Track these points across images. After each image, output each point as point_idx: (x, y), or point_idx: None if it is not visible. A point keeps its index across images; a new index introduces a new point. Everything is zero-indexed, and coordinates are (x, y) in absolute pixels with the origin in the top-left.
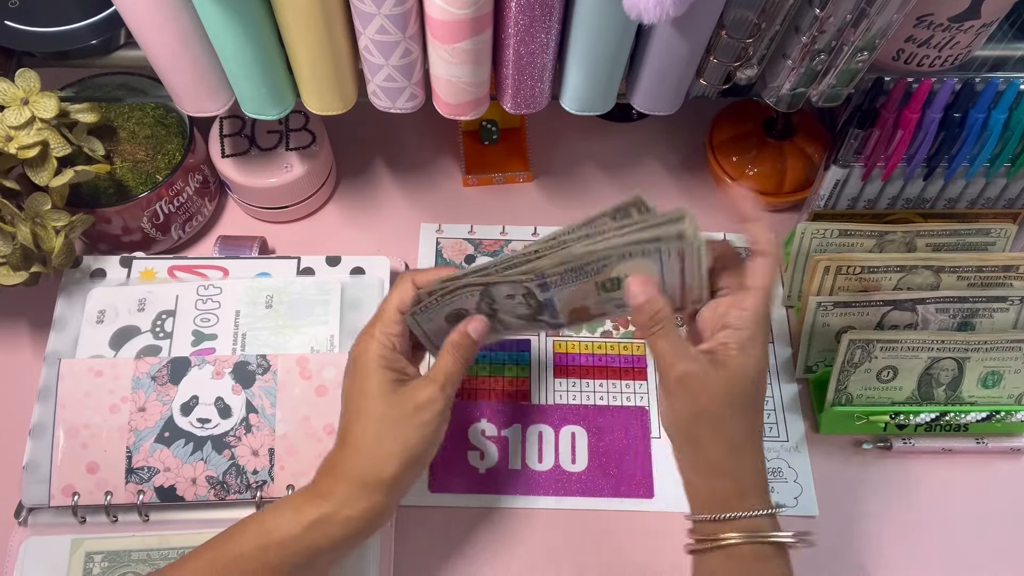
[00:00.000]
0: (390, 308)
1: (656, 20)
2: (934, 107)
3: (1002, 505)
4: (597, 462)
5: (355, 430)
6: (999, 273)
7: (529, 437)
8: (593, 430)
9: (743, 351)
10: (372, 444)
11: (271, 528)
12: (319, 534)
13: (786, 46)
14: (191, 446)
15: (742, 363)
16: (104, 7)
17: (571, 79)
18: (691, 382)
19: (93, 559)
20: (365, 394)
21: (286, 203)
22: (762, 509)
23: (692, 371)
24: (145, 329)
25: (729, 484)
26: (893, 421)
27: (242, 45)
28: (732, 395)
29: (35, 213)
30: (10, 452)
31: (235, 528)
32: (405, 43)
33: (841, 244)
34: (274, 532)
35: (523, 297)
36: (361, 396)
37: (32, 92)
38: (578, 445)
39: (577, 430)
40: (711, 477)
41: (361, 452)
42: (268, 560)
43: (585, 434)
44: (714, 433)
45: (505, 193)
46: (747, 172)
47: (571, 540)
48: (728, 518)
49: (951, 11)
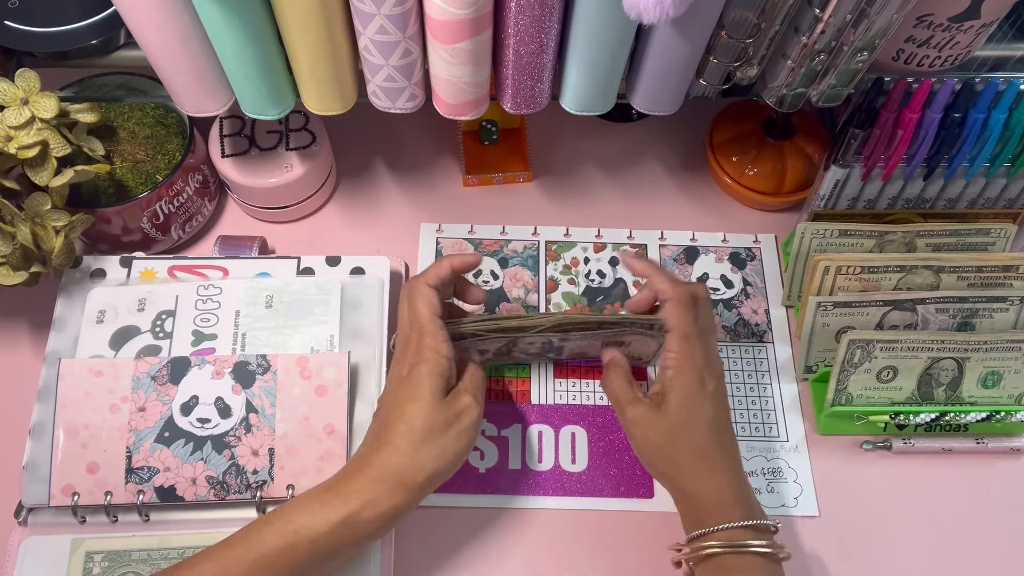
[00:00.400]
0: (431, 314)
1: (656, 20)
2: (934, 107)
3: (1002, 505)
4: (597, 462)
5: (398, 430)
6: (999, 273)
7: (529, 437)
8: (593, 430)
9: (675, 388)
10: (414, 447)
11: (300, 527)
12: (347, 531)
13: (786, 46)
14: (191, 446)
15: (676, 397)
16: (104, 7)
17: (571, 79)
18: (639, 421)
19: (93, 559)
20: (415, 399)
21: (286, 203)
22: (742, 520)
23: (638, 412)
24: (145, 329)
25: (701, 502)
26: (893, 421)
27: (242, 45)
28: (677, 427)
29: (35, 213)
30: (10, 452)
31: (252, 528)
32: (405, 43)
33: (841, 244)
34: (303, 530)
35: (541, 344)
36: (409, 400)
37: (32, 92)
38: (578, 445)
39: (577, 430)
40: (685, 500)
41: (402, 453)
42: (297, 558)
43: (585, 434)
44: (673, 462)
45: (505, 193)
46: (747, 172)
47: (571, 540)
48: (702, 533)
49: (951, 11)
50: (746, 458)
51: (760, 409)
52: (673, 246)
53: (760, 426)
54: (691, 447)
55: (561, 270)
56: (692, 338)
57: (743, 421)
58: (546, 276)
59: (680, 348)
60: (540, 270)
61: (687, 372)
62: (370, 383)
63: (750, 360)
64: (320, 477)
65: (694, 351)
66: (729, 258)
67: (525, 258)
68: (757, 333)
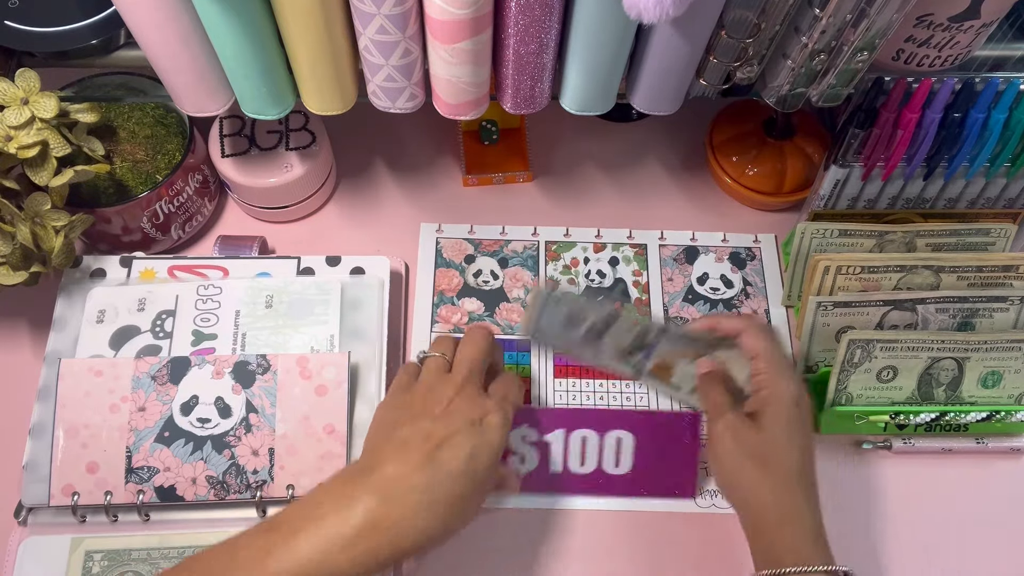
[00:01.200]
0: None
1: (656, 20)
2: (934, 107)
3: (1002, 505)
4: (642, 466)
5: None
6: (999, 273)
7: (572, 442)
8: (641, 436)
9: (772, 403)
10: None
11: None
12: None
13: (786, 46)
14: (191, 446)
15: (773, 412)
16: (104, 7)
17: (571, 79)
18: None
19: (92, 558)
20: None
21: (286, 203)
22: (820, 565)
23: (732, 421)
24: (145, 329)
25: (777, 535)
26: (893, 421)
27: (242, 45)
28: (771, 444)
29: (35, 213)
30: (10, 452)
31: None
32: (405, 43)
33: (841, 244)
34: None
35: (637, 334)
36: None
37: (32, 92)
38: (623, 449)
39: (624, 435)
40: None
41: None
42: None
43: (632, 439)
44: (758, 482)
45: (505, 193)
46: (747, 172)
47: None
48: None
49: (951, 11)
50: None
51: None
52: (673, 246)
53: None
54: (780, 469)
55: (561, 270)
56: (780, 361)
57: None
58: (546, 276)
59: (770, 369)
60: (540, 270)
61: (783, 393)
62: (370, 383)
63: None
64: (320, 477)
65: (784, 373)
66: (729, 258)
67: (525, 258)
68: None
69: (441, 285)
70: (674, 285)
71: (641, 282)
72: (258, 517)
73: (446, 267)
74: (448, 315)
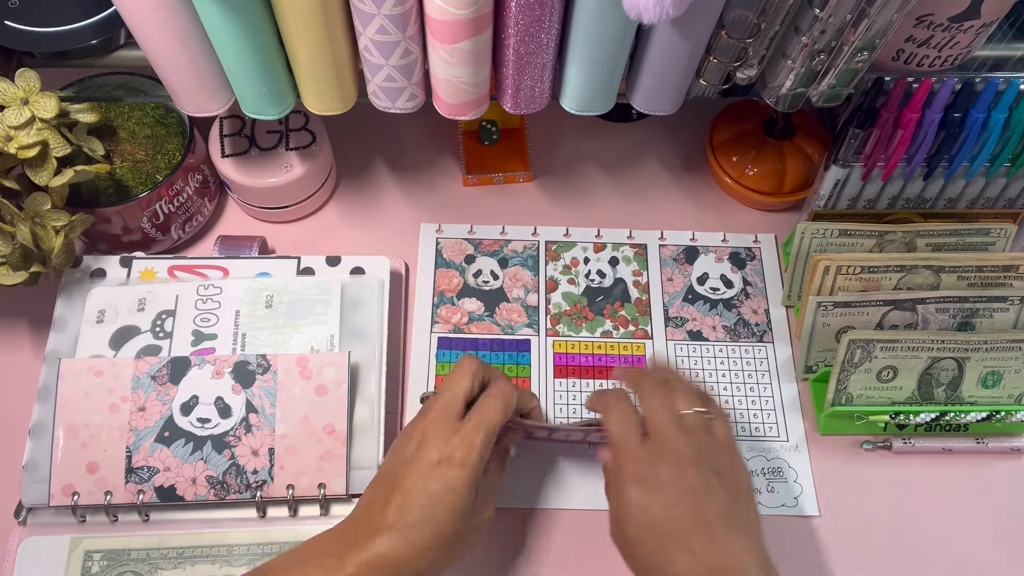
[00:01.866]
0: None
1: (656, 20)
2: (934, 107)
3: (1002, 505)
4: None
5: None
6: (999, 273)
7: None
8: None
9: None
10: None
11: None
12: None
13: (786, 46)
14: (191, 446)
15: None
16: (104, 7)
17: (571, 79)
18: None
19: (92, 558)
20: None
21: (286, 203)
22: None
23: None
24: (145, 329)
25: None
26: (893, 421)
27: (242, 45)
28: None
29: (35, 213)
30: (10, 452)
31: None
32: (405, 43)
33: (841, 244)
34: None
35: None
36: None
37: (32, 92)
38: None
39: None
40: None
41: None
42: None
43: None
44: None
45: (505, 193)
46: (747, 172)
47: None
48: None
49: (951, 11)
50: (746, 458)
51: (760, 409)
52: (673, 246)
53: (760, 426)
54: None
55: (561, 270)
56: (632, 452)
57: (743, 421)
58: (546, 276)
59: (616, 469)
60: (540, 270)
61: (624, 505)
62: (370, 383)
63: (750, 360)
64: (320, 477)
65: (628, 471)
66: (729, 258)
67: (525, 258)
68: (757, 333)
69: (441, 285)
70: (674, 285)
71: (641, 282)
72: (258, 517)
73: (446, 267)
74: (448, 315)
